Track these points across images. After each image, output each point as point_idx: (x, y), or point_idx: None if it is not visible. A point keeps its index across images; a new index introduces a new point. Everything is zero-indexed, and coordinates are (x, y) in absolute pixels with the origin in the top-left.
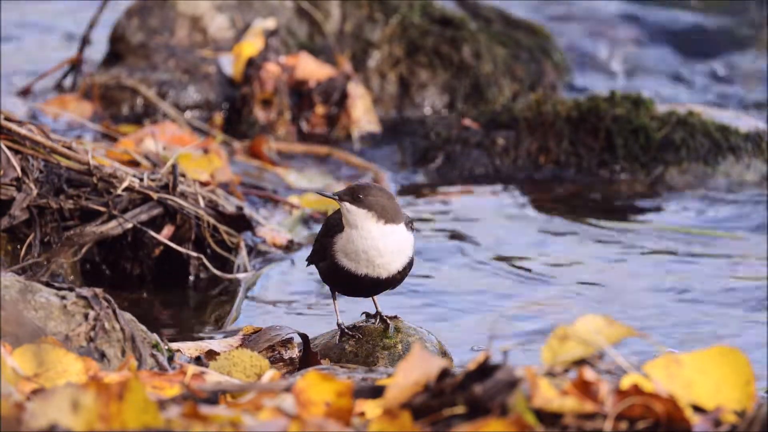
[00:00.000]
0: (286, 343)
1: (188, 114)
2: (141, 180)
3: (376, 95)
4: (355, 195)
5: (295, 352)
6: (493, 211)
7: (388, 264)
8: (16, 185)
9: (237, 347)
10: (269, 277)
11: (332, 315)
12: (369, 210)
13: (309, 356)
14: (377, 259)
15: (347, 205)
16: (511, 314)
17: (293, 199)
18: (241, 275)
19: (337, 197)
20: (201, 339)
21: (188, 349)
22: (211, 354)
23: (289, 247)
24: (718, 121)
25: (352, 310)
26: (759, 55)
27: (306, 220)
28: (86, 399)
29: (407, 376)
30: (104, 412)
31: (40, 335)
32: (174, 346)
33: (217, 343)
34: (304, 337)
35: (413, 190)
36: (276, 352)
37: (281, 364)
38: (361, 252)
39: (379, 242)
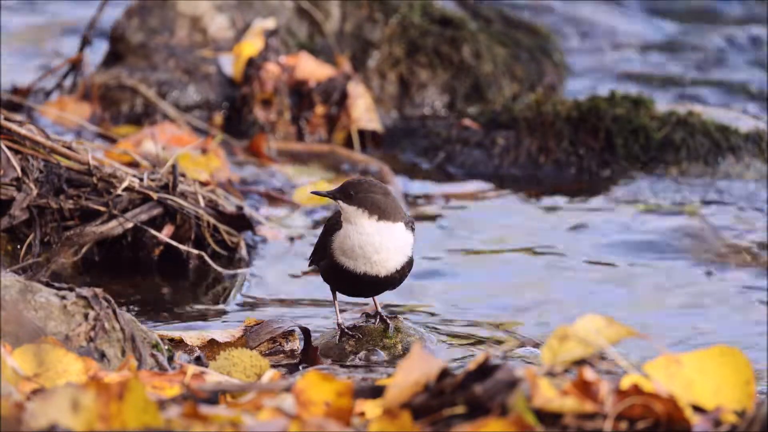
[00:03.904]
0: (287, 335)
1: (188, 114)
2: (141, 180)
3: (376, 95)
4: (347, 192)
5: (296, 344)
6: (494, 211)
7: (385, 261)
8: (16, 185)
9: (238, 338)
10: (269, 276)
11: (332, 314)
12: (359, 207)
13: (310, 350)
14: (373, 256)
15: (340, 203)
16: (512, 314)
17: (294, 196)
18: (240, 271)
19: (331, 195)
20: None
21: (190, 337)
22: (213, 343)
23: (289, 245)
24: (718, 121)
25: (352, 310)
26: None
27: (306, 218)
28: (86, 399)
29: (407, 376)
30: (104, 412)
31: (40, 335)
32: (176, 335)
33: (219, 333)
34: (305, 330)
35: (413, 190)
36: (277, 344)
37: (282, 355)
38: (356, 248)
39: (374, 238)
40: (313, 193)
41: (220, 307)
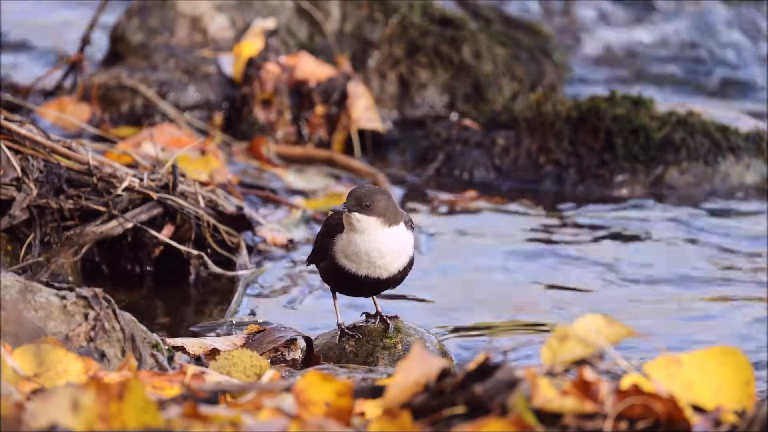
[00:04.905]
0: (289, 344)
1: (188, 114)
2: (141, 180)
3: (376, 95)
4: (362, 204)
5: (297, 353)
6: (493, 211)
7: (389, 264)
8: (16, 185)
9: (241, 347)
10: (269, 276)
11: (332, 314)
12: (378, 216)
13: (311, 359)
14: (378, 260)
15: (357, 215)
16: (512, 314)
17: (293, 198)
18: (241, 272)
19: (346, 210)
20: (203, 337)
21: (191, 346)
22: (215, 352)
23: (289, 246)
24: (718, 121)
25: (352, 310)
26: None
27: (306, 220)
28: (86, 399)
29: (407, 376)
30: (104, 412)
31: (40, 335)
32: (177, 342)
33: (221, 342)
34: (307, 339)
35: (413, 190)
36: (279, 353)
37: (283, 365)
38: (362, 254)
39: (381, 244)
40: (330, 210)
41: (220, 307)
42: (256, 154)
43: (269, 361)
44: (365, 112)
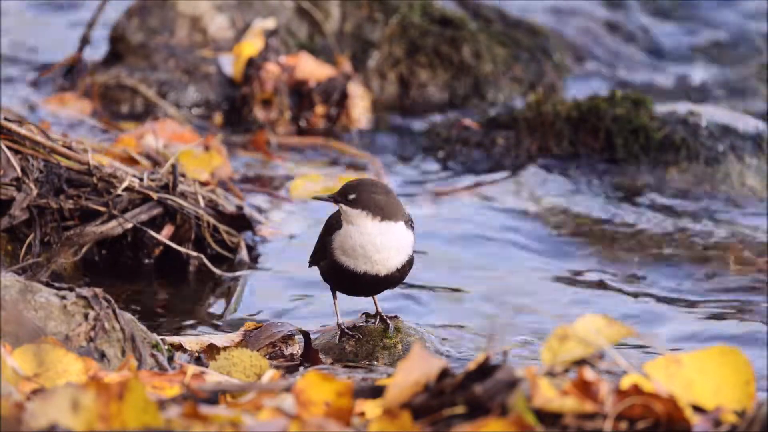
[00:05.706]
0: (287, 339)
1: (188, 114)
2: (141, 180)
3: (376, 95)
4: (347, 196)
5: (295, 348)
6: (493, 212)
7: (386, 260)
8: (16, 185)
9: (238, 343)
10: (268, 276)
11: (332, 313)
12: (363, 209)
13: (310, 353)
14: (374, 255)
15: (342, 206)
16: (512, 314)
17: (290, 190)
18: (240, 273)
19: (332, 199)
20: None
21: (189, 342)
22: (213, 348)
23: (289, 245)
24: (718, 121)
25: (352, 310)
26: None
27: (307, 217)
28: (86, 399)
29: (407, 376)
30: (104, 412)
31: (40, 335)
32: (175, 340)
33: (219, 338)
34: (305, 334)
35: (412, 191)
36: (277, 348)
37: (282, 360)
38: (358, 247)
39: (375, 238)
40: (314, 198)
41: (220, 307)
42: (258, 147)
43: (267, 356)
44: (365, 112)
